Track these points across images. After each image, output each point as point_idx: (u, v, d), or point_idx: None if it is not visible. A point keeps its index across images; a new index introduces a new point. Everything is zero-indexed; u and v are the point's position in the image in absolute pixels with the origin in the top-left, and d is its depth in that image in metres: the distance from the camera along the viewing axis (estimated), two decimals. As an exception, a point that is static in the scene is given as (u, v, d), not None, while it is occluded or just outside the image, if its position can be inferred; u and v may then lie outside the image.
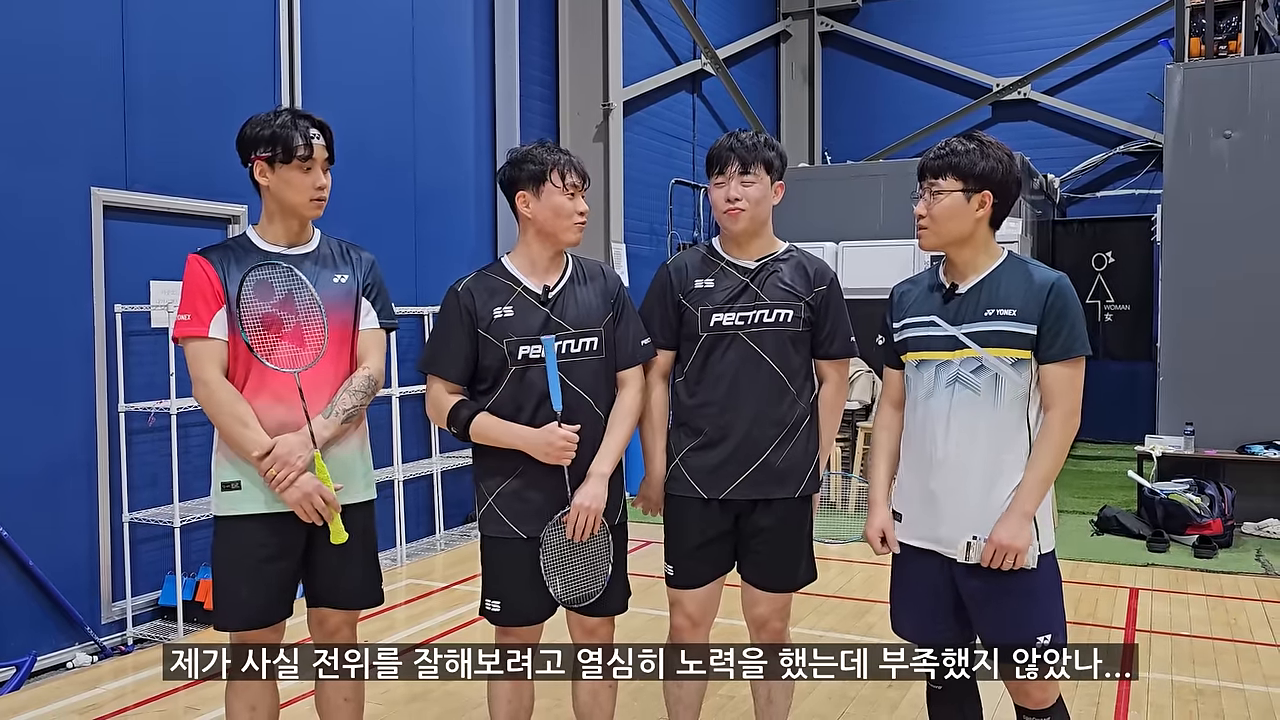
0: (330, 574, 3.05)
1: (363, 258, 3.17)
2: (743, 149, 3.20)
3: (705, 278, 3.26)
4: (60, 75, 5.27)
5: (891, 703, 4.48)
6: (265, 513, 2.94)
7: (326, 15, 6.85)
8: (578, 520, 3.00)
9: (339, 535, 2.95)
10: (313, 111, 3.12)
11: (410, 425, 7.47)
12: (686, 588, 3.30)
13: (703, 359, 3.24)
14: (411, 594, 6.32)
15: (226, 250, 3.02)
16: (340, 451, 3.03)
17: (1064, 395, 2.75)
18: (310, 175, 2.98)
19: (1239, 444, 7.95)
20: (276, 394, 2.94)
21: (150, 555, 5.74)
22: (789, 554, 3.30)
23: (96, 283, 5.44)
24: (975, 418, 2.79)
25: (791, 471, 3.25)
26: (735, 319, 3.20)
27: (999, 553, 2.71)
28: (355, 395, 3.02)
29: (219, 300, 2.93)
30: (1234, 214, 7.98)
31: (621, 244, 9.89)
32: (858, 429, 8.64)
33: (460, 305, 3.06)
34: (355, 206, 2.97)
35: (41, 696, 4.72)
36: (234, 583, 2.95)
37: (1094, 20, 12.72)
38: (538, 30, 9.39)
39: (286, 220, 3.04)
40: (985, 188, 2.78)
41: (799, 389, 3.26)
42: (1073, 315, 2.75)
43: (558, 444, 2.97)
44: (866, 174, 9.98)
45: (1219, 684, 4.78)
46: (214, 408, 2.91)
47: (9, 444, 5.05)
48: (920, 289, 2.97)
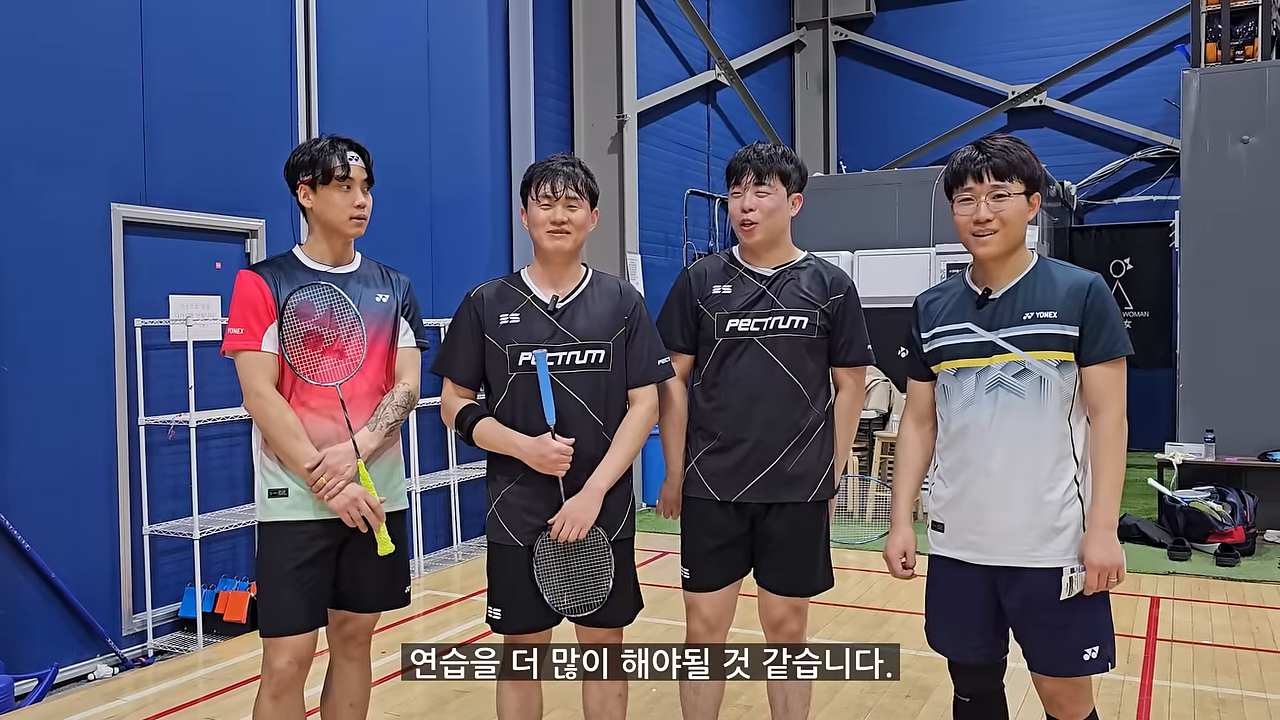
0: (355, 578, 3.15)
1: (401, 280, 3.32)
2: (758, 160, 3.24)
3: (724, 284, 3.30)
4: (81, 92, 5.33)
5: (910, 712, 4.46)
6: (311, 519, 3.05)
7: (343, 30, 6.91)
8: (562, 528, 3.02)
9: (385, 546, 3.06)
10: (329, 126, 3.20)
11: (428, 437, 7.50)
12: (702, 591, 3.32)
13: (718, 364, 3.28)
14: (430, 605, 6.34)
15: (276, 267, 3.15)
16: (376, 462, 3.15)
17: (1112, 397, 2.72)
18: (349, 195, 3.12)
19: (1261, 450, 7.88)
20: (320, 407, 3.06)
21: (170, 567, 5.78)
22: (804, 559, 3.30)
23: (116, 297, 5.49)
24: (1020, 423, 2.74)
25: (805, 476, 3.27)
26: (751, 325, 3.24)
27: (1102, 575, 2.66)
28: (397, 410, 3.15)
29: (271, 315, 3.05)
30: (1252, 219, 7.94)
31: (637, 255, 9.90)
32: (875, 438, 8.62)
33: (471, 309, 3.16)
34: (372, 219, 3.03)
35: (63, 708, 4.75)
36: (280, 588, 3.04)
37: (1110, 26, 12.68)
38: (552, 42, 9.43)
39: (330, 240, 3.17)
40: (1037, 190, 2.79)
41: (813, 395, 3.28)
42: (1113, 315, 2.73)
43: (551, 455, 3.00)
44: (882, 183, 9.97)
45: (1241, 693, 4.74)
46: (266, 420, 3.03)
47: (31, 457, 5.10)
48: (949, 297, 2.92)
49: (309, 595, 3.03)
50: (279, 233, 6.24)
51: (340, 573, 3.14)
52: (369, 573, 3.13)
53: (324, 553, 3.07)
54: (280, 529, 3.06)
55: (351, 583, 3.16)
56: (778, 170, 3.23)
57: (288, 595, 3.02)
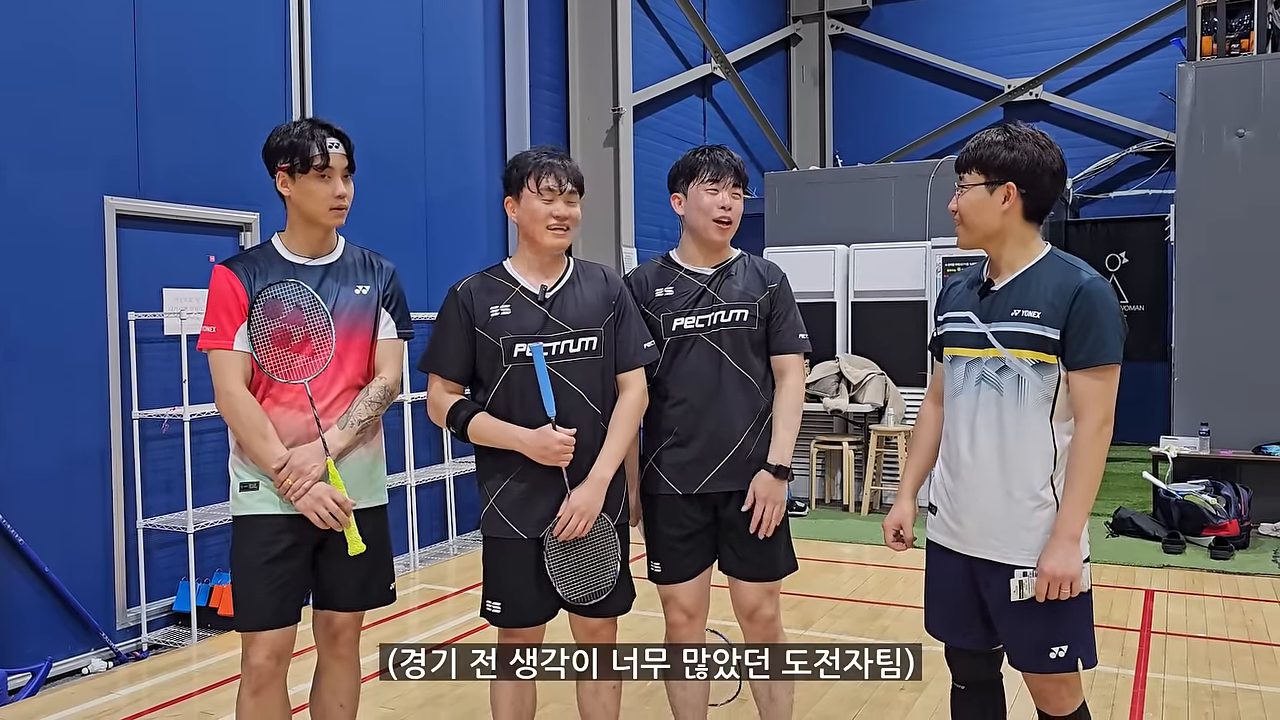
0: (333, 577, 3.11)
1: (384, 267, 3.24)
2: (733, 164, 3.35)
3: (664, 286, 3.37)
4: (73, 85, 5.31)
5: (904, 705, 4.47)
6: (280, 513, 3.00)
7: (337, 23, 6.88)
8: (570, 522, 3.01)
9: (355, 545, 3.02)
10: (324, 119, 3.15)
11: (422, 431, 7.49)
12: (676, 581, 3.34)
13: (669, 362, 3.32)
14: (425, 599, 6.33)
15: (252, 261, 3.09)
16: (353, 458, 3.10)
17: (1091, 406, 2.65)
18: (329, 184, 3.04)
19: (1255, 444, 7.90)
20: (292, 404, 3.02)
21: (164, 561, 5.77)
22: (769, 542, 3.34)
23: (110, 290, 5.47)
24: (997, 419, 2.74)
25: (760, 462, 3.31)
26: (695, 322, 3.31)
27: (1053, 584, 2.64)
28: (371, 406, 3.10)
29: (243, 312, 3.01)
30: (1248, 212, 7.94)
31: (632, 248, 9.90)
32: (870, 432, 8.62)
33: (459, 304, 3.12)
34: (366, 213, 3.01)
35: (57, 702, 4.74)
36: (250, 582, 3.01)
37: (1106, 20, 12.68)
38: (547, 36, 9.41)
39: (309, 229, 3.10)
40: (1009, 179, 2.73)
41: (761, 383, 3.36)
42: (1101, 321, 2.65)
43: (554, 446, 2.99)
44: (878, 176, 9.95)
45: (1235, 685, 4.74)
46: (235, 418, 3.00)
47: (24, 451, 5.08)
48: (964, 283, 2.94)
49: (280, 590, 2.99)
50: (273, 226, 6.16)
51: (319, 571, 3.11)
52: (345, 572, 3.08)
53: (295, 547, 3.02)
54: (251, 523, 3.02)
55: (330, 582, 3.12)
56: (745, 178, 3.38)
57: (259, 590, 2.98)
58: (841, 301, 9.10)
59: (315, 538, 3.05)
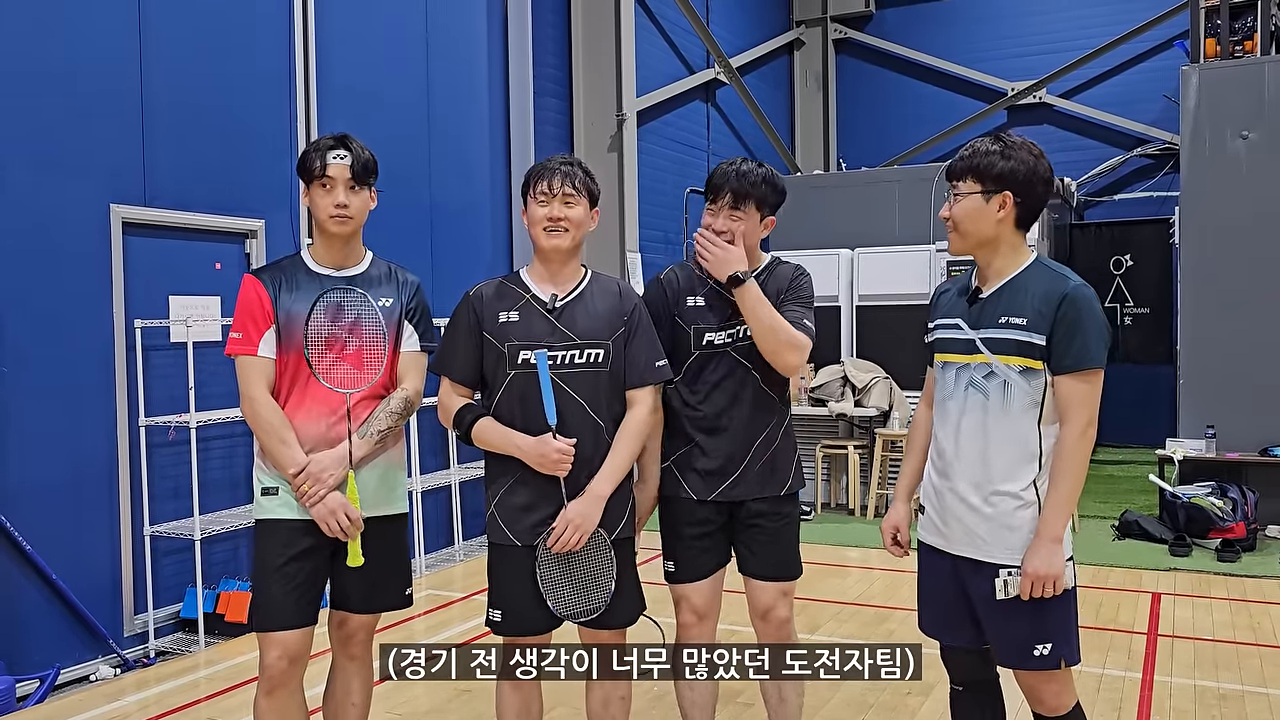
0: (348, 579, 3.15)
1: (408, 280, 3.30)
2: (738, 181, 3.28)
3: (696, 296, 3.36)
4: (80, 94, 5.33)
5: (911, 709, 4.46)
6: (299, 518, 3.06)
7: (341, 32, 6.90)
8: (563, 534, 3.01)
9: (355, 558, 3.06)
10: (328, 125, 3.20)
11: (429, 437, 7.50)
12: (689, 581, 3.35)
13: (696, 373, 3.34)
14: (431, 604, 6.34)
15: (279, 269, 3.16)
16: (374, 466, 3.15)
17: (1076, 409, 2.70)
18: (330, 194, 3.10)
19: (1261, 446, 7.88)
20: (318, 410, 3.08)
21: (171, 568, 5.78)
22: (785, 543, 3.37)
23: (116, 298, 5.49)
24: (982, 423, 2.79)
25: (777, 472, 3.36)
26: (724, 337, 3.32)
27: (1036, 584, 2.69)
28: (391, 416, 3.14)
29: (268, 320, 3.07)
30: (1252, 214, 7.93)
31: (636, 253, 9.90)
32: (876, 436, 8.62)
33: (469, 307, 3.14)
34: (371, 221, 3.01)
35: (65, 709, 4.76)
36: (267, 583, 3.07)
37: (1109, 23, 12.68)
38: (551, 42, 9.43)
39: (328, 240, 3.18)
40: (1005, 188, 2.76)
41: (780, 395, 3.40)
42: (1085, 326, 2.69)
43: (552, 455, 2.99)
44: (882, 180, 9.96)
45: (1242, 688, 4.74)
46: (258, 423, 3.07)
47: (31, 458, 5.10)
48: (954, 290, 2.99)
49: (296, 591, 3.04)
50: (278, 233, 6.24)
51: (335, 573, 3.17)
52: (357, 575, 3.12)
53: (312, 550, 3.07)
54: (271, 526, 3.09)
55: (343, 584, 3.18)
56: (754, 196, 3.29)
57: (275, 591, 3.04)
58: (846, 305, 9.11)
59: (332, 542, 3.10)
